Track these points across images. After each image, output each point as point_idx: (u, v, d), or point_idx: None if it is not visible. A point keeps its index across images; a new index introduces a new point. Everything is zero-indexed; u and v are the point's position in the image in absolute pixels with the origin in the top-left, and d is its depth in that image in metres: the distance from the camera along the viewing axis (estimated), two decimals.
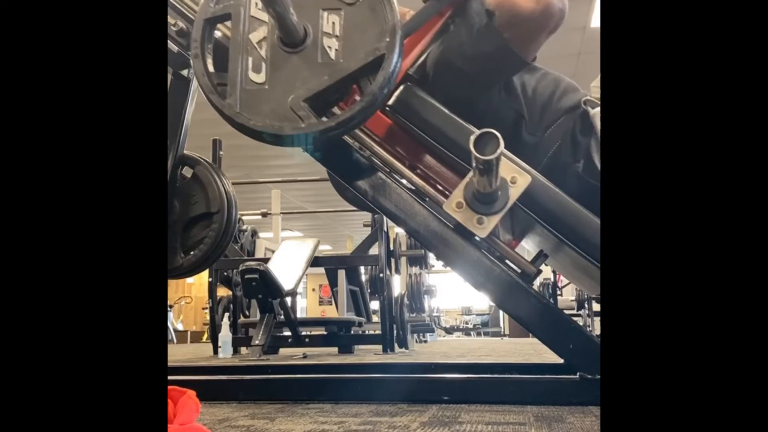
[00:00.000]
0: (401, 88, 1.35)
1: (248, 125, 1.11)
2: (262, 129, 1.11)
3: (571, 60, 5.30)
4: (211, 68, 1.13)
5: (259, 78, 1.14)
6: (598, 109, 1.37)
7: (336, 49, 1.13)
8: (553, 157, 1.37)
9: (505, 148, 1.24)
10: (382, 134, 1.39)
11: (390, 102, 1.34)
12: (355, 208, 2.22)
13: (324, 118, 1.13)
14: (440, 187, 1.38)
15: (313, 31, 1.14)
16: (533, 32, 1.29)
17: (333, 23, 1.14)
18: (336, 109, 1.27)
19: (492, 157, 1.04)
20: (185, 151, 1.55)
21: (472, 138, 1.05)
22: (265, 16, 1.14)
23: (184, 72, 1.51)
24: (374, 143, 1.37)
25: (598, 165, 1.34)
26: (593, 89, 1.51)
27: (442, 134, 1.33)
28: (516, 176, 1.22)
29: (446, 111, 1.34)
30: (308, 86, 1.12)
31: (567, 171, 1.35)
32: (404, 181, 1.37)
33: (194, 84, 1.54)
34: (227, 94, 1.12)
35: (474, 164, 1.11)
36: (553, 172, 1.33)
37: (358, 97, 1.16)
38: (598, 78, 1.48)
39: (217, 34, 1.19)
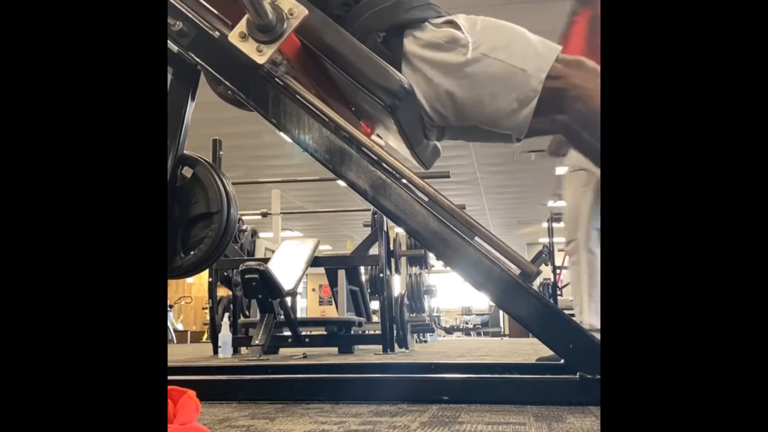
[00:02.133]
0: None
1: None
2: None
3: None
4: None
5: None
6: (454, 30, 1.39)
7: None
8: (364, 21, 1.42)
9: (315, 5, 1.35)
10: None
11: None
12: (355, 209, 2.22)
13: None
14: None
15: None
16: None
17: None
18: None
19: None
20: (185, 151, 1.55)
21: None
22: None
23: (184, 72, 1.51)
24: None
25: (406, 42, 1.40)
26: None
27: None
28: (293, 8, 1.28)
29: None
30: None
31: (368, 35, 1.41)
32: (212, 29, 1.39)
33: (194, 84, 1.55)
34: None
35: None
36: (356, 32, 1.40)
37: None
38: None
39: None
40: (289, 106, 1.37)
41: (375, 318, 5.34)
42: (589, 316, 2.49)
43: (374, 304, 5.25)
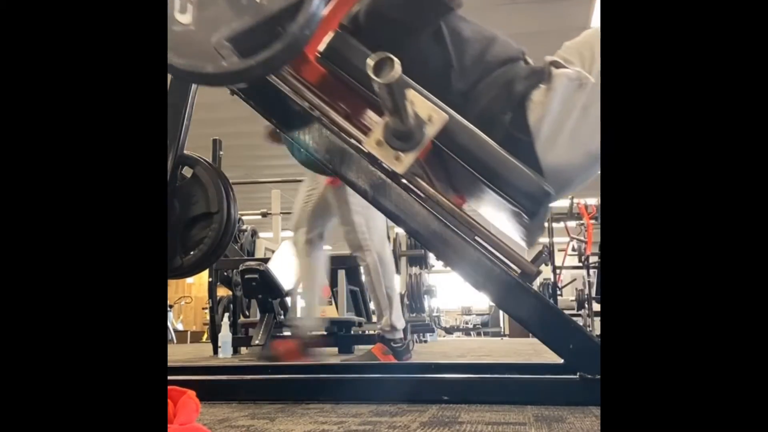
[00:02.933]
0: (332, 34, 1.36)
1: (174, 64, 1.13)
2: (186, 68, 1.14)
3: None
4: None
5: (185, 19, 1.16)
6: (564, 70, 1.36)
7: None
8: (484, 108, 1.39)
9: (435, 95, 1.30)
10: (317, 82, 1.40)
11: (321, 49, 1.35)
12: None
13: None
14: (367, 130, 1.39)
15: None
16: None
17: None
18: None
19: (389, 80, 1.04)
20: (185, 151, 1.55)
21: (370, 62, 1.06)
22: None
23: None
24: (310, 92, 1.38)
25: (533, 121, 1.35)
26: (564, 48, 1.49)
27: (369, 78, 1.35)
28: (433, 115, 1.24)
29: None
30: (232, 26, 1.15)
31: (495, 122, 1.37)
32: (342, 133, 1.37)
33: (194, 84, 1.55)
34: None
35: (378, 92, 1.11)
36: (483, 121, 1.36)
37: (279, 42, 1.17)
38: (577, 39, 1.47)
39: None
40: (291, 105, 1.37)
41: (375, 318, 5.34)
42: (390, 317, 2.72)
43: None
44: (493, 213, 1.54)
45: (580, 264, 7.44)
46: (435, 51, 1.41)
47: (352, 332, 4.51)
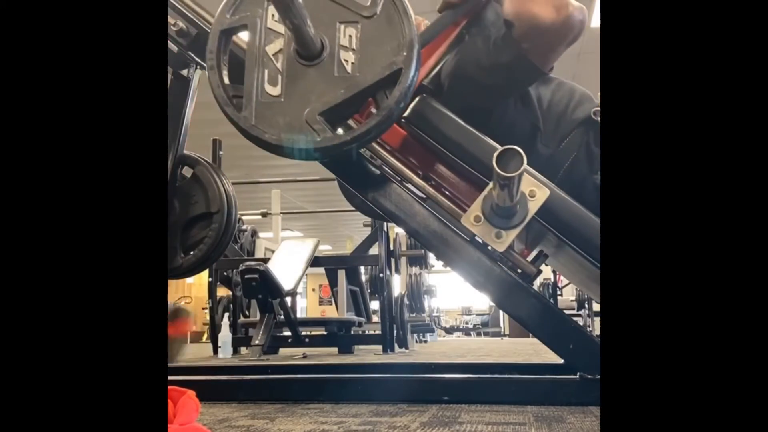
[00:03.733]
0: (416, 99, 1.34)
1: (263, 138, 1.11)
2: (277, 142, 1.11)
3: (571, 60, 5.30)
4: (226, 80, 1.13)
5: (275, 90, 1.13)
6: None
7: (352, 63, 1.13)
8: (569, 170, 1.36)
9: None
10: (397, 145, 1.39)
11: (405, 113, 1.32)
12: (354, 208, 2.22)
13: (340, 131, 1.12)
14: (454, 198, 1.37)
15: (330, 44, 1.13)
16: (552, 44, 1.26)
17: (350, 36, 1.13)
18: (351, 122, 1.26)
19: (515, 174, 1.03)
20: (185, 151, 1.55)
21: (495, 154, 1.03)
22: (281, 28, 1.14)
23: (184, 72, 1.51)
24: (388, 153, 1.37)
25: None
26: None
27: (458, 146, 1.32)
28: (535, 190, 1.20)
29: (461, 122, 1.33)
30: (324, 99, 1.11)
31: (584, 183, 1.34)
32: (418, 192, 1.36)
33: (194, 84, 1.55)
34: (243, 107, 1.12)
35: (495, 179, 1.09)
36: (569, 184, 1.32)
37: (374, 110, 1.15)
38: None
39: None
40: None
41: (375, 318, 5.34)
42: None
43: (374, 304, 5.25)
44: (583, 285, 1.50)
45: None
46: (523, 115, 1.38)
47: (352, 332, 4.51)
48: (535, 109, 1.39)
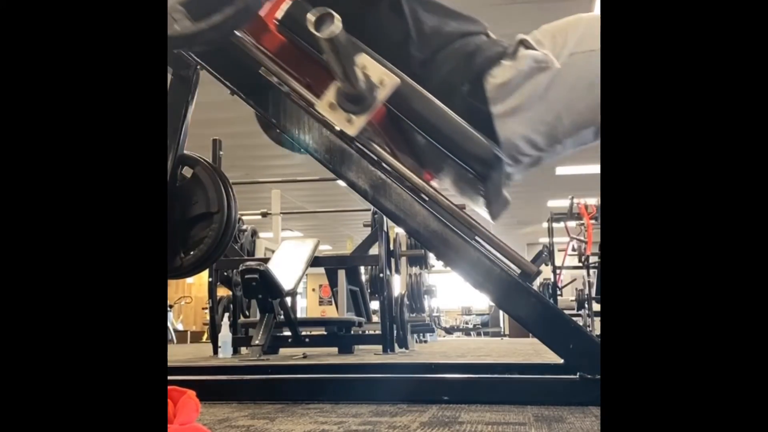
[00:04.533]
0: (289, 2, 1.37)
1: None
2: None
3: None
4: None
5: None
6: (532, 52, 1.37)
7: None
8: (443, 78, 1.41)
9: (394, 63, 1.32)
10: (275, 50, 1.41)
11: (279, 16, 1.36)
12: (355, 209, 2.21)
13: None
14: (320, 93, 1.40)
15: None
16: None
17: None
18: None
19: (329, 34, 1.05)
20: (185, 151, 1.55)
21: (311, 17, 1.05)
22: None
23: (184, 72, 1.51)
24: (270, 61, 1.38)
25: (492, 92, 1.38)
26: (541, 30, 1.48)
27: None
28: (384, 78, 1.26)
29: None
30: None
31: (453, 91, 1.39)
32: (302, 101, 1.37)
33: (194, 84, 1.54)
34: None
35: (323, 49, 1.12)
36: (441, 91, 1.38)
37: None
38: (555, 23, 1.47)
39: None
40: (289, 106, 1.36)
41: (375, 318, 5.34)
42: None
43: (374, 304, 5.25)
44: (457, 187, 1.57)
45: (580, 264, 7.45)
46: (393, 21, 1.43)
47: (352, 332, 4.51)
48: (406, 17, 1.43)
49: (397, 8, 1.43)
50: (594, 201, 7.22)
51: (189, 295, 12.81)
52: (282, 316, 3.80)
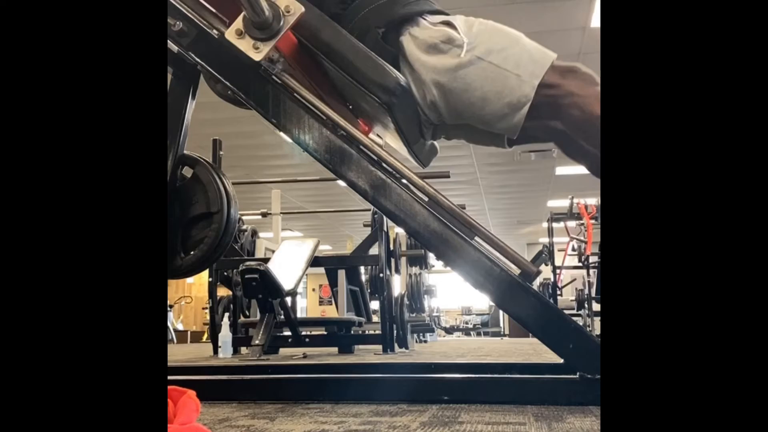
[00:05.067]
0: None
1: None
2: None
3: (571, 60, 5.30)
4: None
5: None
6: (450, 30, 1.39)
7: None
8: (363, 17, 1.42)
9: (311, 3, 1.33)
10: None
11: None
12: (355, 209, 2.22)
13: None
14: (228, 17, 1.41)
15: None
16: None
17: None
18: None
19: None
20: (185, 151, 1.55)
21: None
22: None
23: (184, 72, 1.51)
24: None
25: (404, 40, 1.41)
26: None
27: None
28: (290, 5, 1.29)
29: None
30: None
31: (368, 30, 1.41)
32: (210, 27, 1.39)
33: (194, 84, 1.55)
34: None
35: None
36: (356, 28, 1.41)
37: None
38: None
39: None
40: (289, 106, 1.37)
41: (375, 318, 5.34)
42: None
43: (374, 304, 5.25)
44: (387, 132, 1.59)
45: (580, 264, 7.44)
46: None
47: (352, 332, 4.51)
48: None
49: None
50: (594, 201, 7.22)
51: (189, 295, 12.81)
52: (282, 316, 3.80)
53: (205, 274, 4.16)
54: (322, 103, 1.38)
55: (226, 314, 4.67)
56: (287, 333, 3.97)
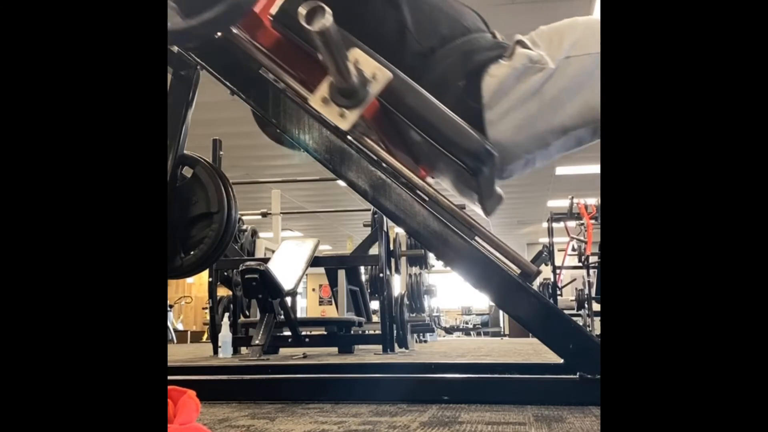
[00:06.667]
0: None
1: None
2: None
3: None
4: None
5: None
6: (528, 51, 1.38)
7: None
8: (441, 73, 1.40)
9: (390, 58, 1.31)
10: (270, 45, 1.40)
11: (273, 12, 1.35)
12: (355, 209, 2.21)
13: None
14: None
15: None
16: None
17: None
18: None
19: (320, 27, 1.05)
20: (185, 151, 1.55)
21: (302, 11, 1.05)
22: None
23: (184, 72, 1.51)
24: (266, 57, 1.38)
25: (486, 91, 1.38)
26: (538, 31, 1.48)
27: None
28: (377, 72, 1.26)
29: None
30: None
31: (448, 86, 1.39)
32: (297, 98, 1.37)
33: (194, 84, 1.55)
34: None
35: (314, 42, 1.12)
36: (437, 86, 1.38)
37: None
38: (554, 24, 1.47)
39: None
40: (288, 106, 1.36)
41: (375, 318, 5.34)
42: None
43: (374, 304, 5.25)
44: (451, 183, 1.57)
45: (580, 264, 7.45)
46: (390, 14, 1.42)
47: (352, 332, 4.51)
48: (402, 9, 1.42)
49: (393, 1, 1.42)
50: (594, 201, 7.22)
51: (189, 295, 12.81)
52: (282, 316, 3.80)
53: (205, 274, 4.16)
54: (395, 160, 1.37)
55: (226, 314, 4.67)
56: (287, 333, 3.97)
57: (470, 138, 1.34)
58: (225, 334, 3.92)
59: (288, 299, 3.83)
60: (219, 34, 1.35)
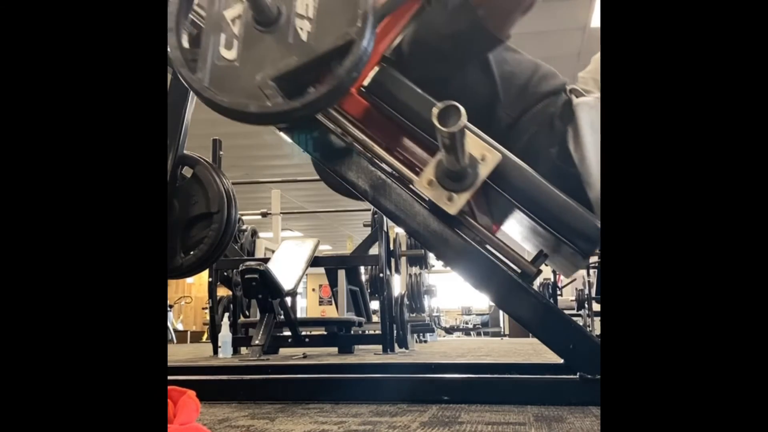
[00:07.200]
0: (377, 69, 1.34)
1: (215, 100, 1.13)
2: (228, 105, 1.13)
3: (571, 60, 5.30)
4: (185, 44, 1.14)
5: (230, 55, 1.15)
6: (583, 98, 1.37)
7: (308, 31, 1.14)
8: (529, 141, 1.37)
9: (480, 128, 1.26)
10: (359, 116, 1.39)
11: (365, 83, 1.34)
12: (355, 209, 2.22)
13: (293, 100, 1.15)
14: (413, 166, 1.37)
15: (287, 12, 1.15)
16: (507, 10, 1.31)
17: (307, 5, 1.16)
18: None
19: (454, 129, 1.03)
20: (185, 151, 1.55)
21: (435, 111, 1.04)
22: None
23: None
24: (352, 125, 1.37)
25: (573, 153, 1.35)
26: (580, 79, 1.50)
27: (416, 114, 1.32)
28: (486, 154, 1.23)
29: (420, 91, 1.33)
30: (277, 66, 1.14)
31: (541, 155, 1.36)
32: (384, 165, 1.36)
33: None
34: (197, 69, 1.12)
35: (439, 139, 1.10)
36: (529, 155, 1.34)
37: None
38: (588, 67, 1.47)
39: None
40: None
41: (375, 318, 5.34)
42: None
43: (374, 304, 5.25)
44: (524, 238, 1.53)
45: None
46: (482, 83, 1.39)
47: (352, 332, 4.51)
48: (494, 78, 1.39)
49: (486, 68, 1.39)
50: None
51: (189, 295, 12.81)
52: (282, 316, 3.79)
53: (205, 274, 4.16)
54: (485, 231, 1.34)
55: (226, 314, 4.67)
56: (287, 333, 3.97)
57: (585, 221, 1.28)
58: (225, 334, 3.92)
59: (288, 299, 3.82)
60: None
